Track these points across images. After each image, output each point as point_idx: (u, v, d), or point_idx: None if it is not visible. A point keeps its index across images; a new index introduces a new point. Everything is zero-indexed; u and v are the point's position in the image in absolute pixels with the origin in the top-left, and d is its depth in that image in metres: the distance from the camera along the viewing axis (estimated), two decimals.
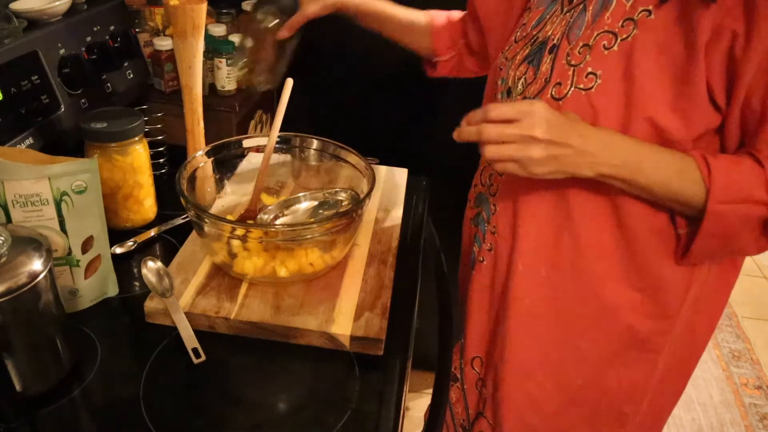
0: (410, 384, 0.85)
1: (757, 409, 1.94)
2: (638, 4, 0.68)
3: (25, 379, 0.68)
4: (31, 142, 0.92)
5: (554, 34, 0.76)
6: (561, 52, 0.73)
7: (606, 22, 0.70)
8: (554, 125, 0.67)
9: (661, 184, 0.70)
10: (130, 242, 0.95)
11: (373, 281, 0.87)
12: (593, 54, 0.70)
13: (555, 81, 0.73)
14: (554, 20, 0.77)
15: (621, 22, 0.69)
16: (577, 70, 0.71)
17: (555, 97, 0.72)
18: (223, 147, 0.96)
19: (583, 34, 0.72)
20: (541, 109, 0.67)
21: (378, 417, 0.71)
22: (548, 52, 0.76)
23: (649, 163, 0.69)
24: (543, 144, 0.66)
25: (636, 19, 0.68)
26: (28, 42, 0.94)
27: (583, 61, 0.71)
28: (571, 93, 0.71)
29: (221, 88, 1.39)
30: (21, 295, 0.63)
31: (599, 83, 0.69)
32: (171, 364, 0.75)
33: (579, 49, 0.72)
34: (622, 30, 0.68)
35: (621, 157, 0.69)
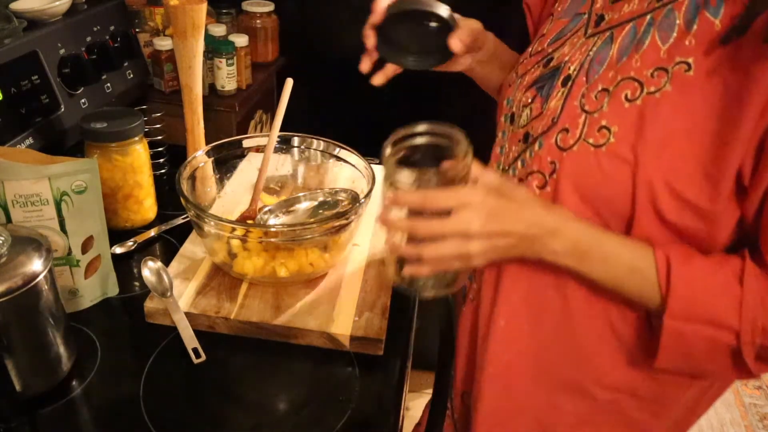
0: (410, 384, 0.85)
1: (757, 409, 1.94)
2: (676, 53, 0.55)
3: (25, 379, 0.68)
4: (31, 142, 0.92)
5: (571, 61, 0.63)
6: (576, 89, 0.61)
7: (634, 65, 0.57)
8: (495, 215, 0.58)
9: (608, 281, 0.60)
10: (130, 242, 0.95)
11: (373, 281, 0.87)
12: (611, 103, 0.57)
13: (562, 125, 0.61)
14: (575, 42, 0.65)
15: (652, 70, 0.56)
16: (590, 118, 0.58)
17: (560, 145, 0.60)
18: (223, 147, 0.96)
19: (604, 74, 0.59)
20: (480, 199, 0.57)
21: (378, 417, 0.71)
22: (561, 83, 0.63)
23: (597, 254, 0.59)
24: (481, 239, 0.58)
25: (671, 72, 0.54)
26: (28, 42, 0.94)
27: (598, 109, 0.58)
28: (578, 146, 0.59)
29: (221, 88, 1.39)
30: (21, 295, 0.63)
31: (612, 142, 0.56)
32: (171, 364, 0.75)
33: (596, 93, 0.59)
34: (651, 81, 0.55)
35: (565, 245, 0.59)
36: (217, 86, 1.40)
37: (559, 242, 0.59)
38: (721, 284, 0.56)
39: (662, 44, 0.56)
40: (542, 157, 0.62)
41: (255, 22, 1.50)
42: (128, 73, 1.18)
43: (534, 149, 0.64)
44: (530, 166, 0.64)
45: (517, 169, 0.67)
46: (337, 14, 1.62)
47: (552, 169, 0.61)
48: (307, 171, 1.02)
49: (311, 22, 1.64)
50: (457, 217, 0.57)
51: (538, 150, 0.63)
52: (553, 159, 0.61)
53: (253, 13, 1.50)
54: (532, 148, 0.64)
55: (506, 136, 0.71)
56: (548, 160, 0.61)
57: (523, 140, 0.66)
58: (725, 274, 0.56)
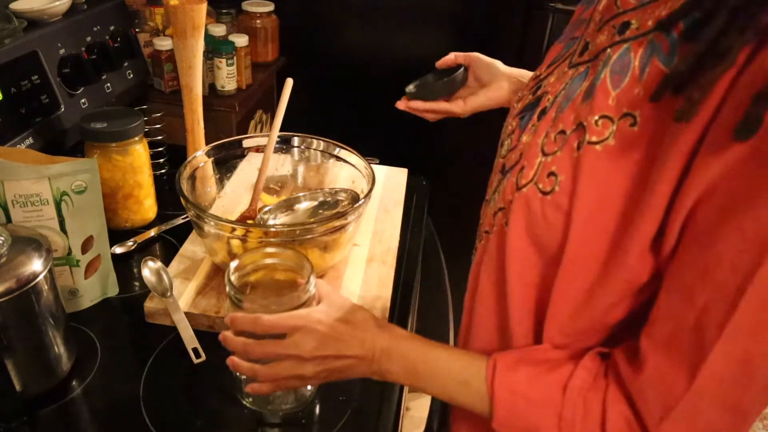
0: None
1: None
2: (624, 103, 0.48)
3: (25, 379, 0.68)
4: (31, 142, 0.92)
5: (551, 93, 0.59)
6: (543, 125, 0.56)
7: (594, 105, 0.50)
8: (330, 339, 0.61)
9: (442, 395, 0.61)
10: (130, 242, 0.95)
11: (373, 281, 0.87)
12: (564, 149, 0.52)
13: (523, 163, 0.57)
14: (560, 71, 0.60)
15: (597, 117, 0.49)
16: (545, 162, 0.54)
17: (517, 184, 0.57)
18: (223, 147, 0.96)
19: (567, 114, 0.53)
20: (314, 324, 0.60)
21: (378, 417, 0.71)
22: (537, 116, 0.59)
23: (426, 370, 0.61)
24: (315, 361, 0.60)
25: (616, 123, 0.48)
26: (28, 42, 0.94)
27: (553, 152, 0.53)
28: (527, 189, 0.55)
29: (221, 88, 1.39)
30: (21, 295, 0.63)
31: (556, 191, 0.52)
32: (171, 364, 0.75)
33: (556, 135, 0.54)
34: (594, 129, 0.49)
35: (398, 364, 0.62)
36: (217, 86, 1.40)
37: (393, 362, 0.62)
38: (542, 395, 0.55)
39: (613, 89, 0.49)
40: (505, 192, 0.59)
41: (255, 22, 1.50)
42: (128, 73, 1.18)
43: (503, 184, 0.61)
44: (499, 201, 0.61)
45: (495, 201, 0.64)
46: (337, 14, 1.63)
47: (510, 207, 0.58)
48: (307, 171, 1.02)
49: (311, 22, 1.65)
50: (289, 340, 0.60)
51: (505, 184, 0.60)
52: (511, 197, 0.58)
53: (253, 13, 1.50)
54: (504, 182, 0.61)
55: (495, 164, 0.69)
56: (509, 199, 0.58)
57: (501, 171, 0.64)
58: (548, 383, 0.56)
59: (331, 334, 0.61)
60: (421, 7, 1.57)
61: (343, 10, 1.61)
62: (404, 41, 1.63)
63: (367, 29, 1.63)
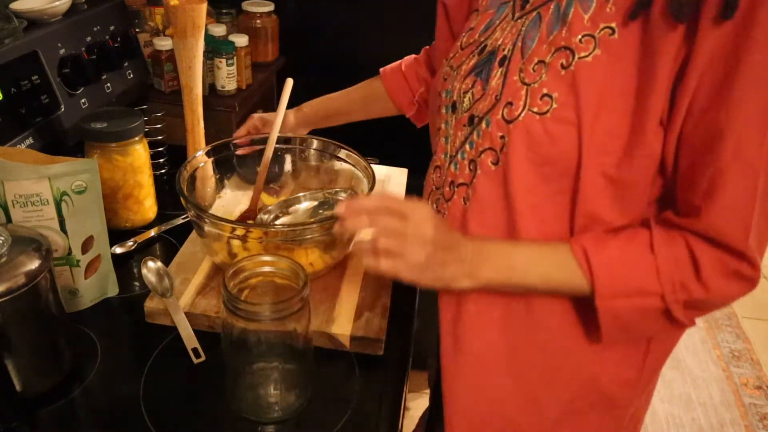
0: (410, 384, 0.85)
1: (757, 409, 1.94)
2: (599, 20, 0.59)
3: (25, 379, 0.68)
4: (31, 142, 0.92)
5: (504, 44, 0.67)
6: (513, 66, 0.64)
7: (563, 36, 0.61)
8: (441, 228, 0.63)
9: (540, 281, 0.65)
10: (130, 242, 0.95)
11: (373, 281, 0.87)
12: (549, 73, 0.61)
13: (506, 100, 0.64)
14: (504, 27, 0.68)
15: (579, 36, 0.60)
16: (531, 89, 0.62)
17: (506, 119, 0.63)
18: (223, 147, 0.96)
19: (537, 48, 0.63)
20: (429, 209, 0.63)
21: (378, 417, 0.71)
22: (498, 63, 0.66)
23: (521, 259, 0.64)
24: (429, 245, 0.61)
25: (597, 37, 0.59)
26: (28, 42, 0.94)
27: (538, 80, 0.61)
28: (523, 116, 0.62)
29: (221, 88, 1.39)
30: (21, 295, 0.63)
31: (555, 107, 0.60)
32: (171, 364, 0.75)
33: (534, 66, 0.62)
34: (581, 47, 0.59)
35: (491, 262, 0.64)
36: (217, 86, 1.40)
37: (487, 261, 0.64)
38: (636, 258, 0.61)
39: (584, 13, 0.60)
40: (492, 133, 0.65)
41: (255, 22, 1.50)
42: (128, 73, 1.18)
43: (481, 129, 0.66)
44: (480, 145, 0.67)
45: (465, 152, 0.69)
46: (337, 14, 1.63)
47: (502, 144, 0.64)
48: (307, 171, 1.02)
49: (311, 22, 1.65)
50: (410, 218, 0.62)
51: (486, 128, 0.66)
52: (502, 133, 0.64)
53: (253, 13, 1.50)
54: (479, 128, 0.67)
55: (450, 125, 0.73)
56: (498, 135, 0.64)
57: (468, 123, 0.69)
58: (637, 248, 0.62)
59: (444, 226, 0.64)
60: (421, 8, 1.57)
61: (343, 10, 1.61)
62: (404, 41, 1.63)
63: (367, 29, 1.63)
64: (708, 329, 2.26)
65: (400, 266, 0.62)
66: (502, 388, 0.74)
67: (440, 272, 0.63)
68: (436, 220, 0.63)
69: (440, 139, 0.76)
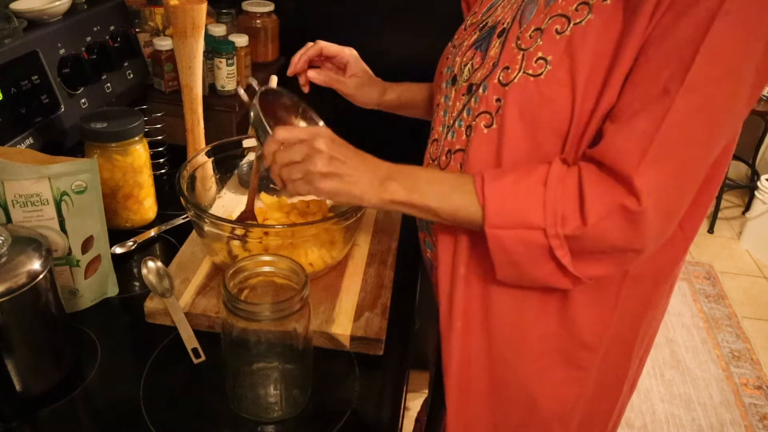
0: (410, 384, 0.85)
1: (757, 409, 1.94)
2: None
3: (25, 379, 0.68)
4: (31, 142, 0.92)
5: (504, 19, 0.71)
6: (511, 35, 0.68)
7: (560, 5, 0.64)
8: (337, 143, 0.67)
9: (437, 202, 0.67)
10: (130, 242, 0.95)
11: (373, 281, 0.87)
12: (545, 38, 0.64)
13: (503, 65, 0.67)
14: (505, 5, 0.73)
15: (575, 5, 0.63)
16: (527, 54, 0.65)
17: (502, 82, 0.67)
18: (223, 147, 0.96)
19: (535, 17, 0.66)
20: (326, 130, 0.68)
21: (378, 417, 0.71)
22: (497, 36, 0.70)
23: (425, 178, 0.68)
24: (325, 157, 0.66)
25: (591, 4, 0.62)
26: (28, 42, 0.94)
27: (533, 45, 0.65)
28: (518, 78, 0.65)
29: (221, 88, 1.39)
30: (21, 295, 0.63)
31: (549, 69, 0.63)
32: (171, 364, 0.75)
33: (530, 33, 0.66)
34: (576, 14, 0.63)
35: (399, 181, 0.67)
36: (217, 86, 1.39)
37: (396, 179, 0.67)
38: (527, 191, 0.63)
39: None
40: (488, 97, 0.68)
41: (255, 22, 1.50)
42: (128, 73, 1.18)
43: (479, 94, 0.69)
44: (476, 110, 0.69)
45: (462, 120, 0.72)
46: (337, 14, 1.63)
47: (498, 107, 0.67)
48: None
49: (311, 22, 1.64)
50: (307, 141, 0.67)
51: (482, 93, 0.69)
52: (498, 96, 0.67)
53: (253, 13, 1.50)
54: (477, 94, 0.70)
55: (449, 98, 0.76)
56: (494, 99, 0.67)
57: (467, 92, 0.72)
58: (530, 181, 0.64)
59: (342, 142, 0.68)
60: (421, 7, 1.57)
61: (343, 10, 1.61)
62: (404, 41, 1.63)
63: (366, 29, 1.63)
64: (708, 329, 2.27)
65: (303, 182, 0.67)
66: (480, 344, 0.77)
67: (341, 185, 0.67)
68: (334, 137, 0.68)
69: (438, 113, 0.79)
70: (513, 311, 0.74)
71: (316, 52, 0.94)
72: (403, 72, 1.04)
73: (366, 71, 0.97)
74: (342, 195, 0.67)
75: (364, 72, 0.96)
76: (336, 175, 0.66)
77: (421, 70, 1.19)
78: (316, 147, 0.66)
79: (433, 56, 0.97)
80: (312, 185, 0.67)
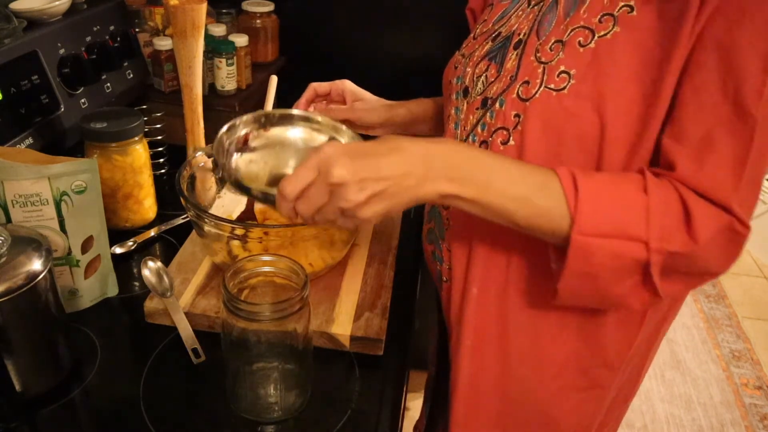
0: (410, 384, 0.85)
1: (758, 409, 1.94)
2: None
3: (25, 379, 0.68)
4: (31, 142, 0.92)
5: (520, 29, 0.67)
6: (529, 47, 0.64)
7: (582, 17, 0.60)
8: (357, 155, 0.55)
9: (519, 201, 0.57)
10: (130, 242, 0.95)
11: (373, 281, 0.87)
12: (567, 51, 0.60)
13: (522, 79, 0.63)
14: (520, 14, 0.69)
15: (599, 17, 0.59)
16: (548, 68, 0.61)
17: (522, 97, 0.62)
18: None
19: (555, 29, 0.62)
20: (330, 150, 0.55)
21: (378, 417, 0.71)
22: (513, 47, 0.66)
23: (500, 174, 0.58)
24: (352, 186, 0.54)
25: (616, 15, 0.58)
26: (28, 42, 0.94)
27: (555, 58, 0.61)
28: (540, 93, 0.61)
29: (221, 87, 1.39)
30: (21, 295, 0.63)
31: (572, 83, 0.59)
32: (171, 364, 0.75)
33: (551, 45, 0.62)
34: (600, 26, 0.59)
35: (460, 170, 0.57)
36: (217, 86, 1.39)
37: (454, 168, 0.57)
38: (627, 195, 0.57)
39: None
40: (506, 113, 0.63)
41: (255, 22, 1.50)
42: (128, 73, 1.18)
43: (495, 109, 0.65)
44: (492, 125, 0.65)
45: (477, 135, 0.68)
46: (337, 14, 1.63)
47: (516, 122, 0.63)
48: None
49: (311, 22, 1.64)
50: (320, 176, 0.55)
51: (499, 108, 0.64)
52: (517, 112, 0.62)
53: (253, 13, 1.50)
54: (493, 109, 0.65)
55: (461, 110, 0.72)
56: (512, 114, 0.63)
57: (481, 106, 0.68)
58: (629, 186, 0.57)
59: (359, 152, 0.55)
60: (421, 8, 1.57)
61: (343, 10, 1.61)
62: (404, 41, 1.63)
63: (367, 29, 1.63)
64: (708, 329, 2.26)
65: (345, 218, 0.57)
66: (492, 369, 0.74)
67: (388, 202, 0.56)
68: (347, 152, 0.55)
69: (450, 125, 0.75)
70: (530, 330, 0.71)
71: (311, 95, 0.93)
72: (403, 72, 1.04)
73: (366, 93, 0.94)
74: (397, 209, 0.57)
75: (364, 94, 0.93)
76: (376, 196, 0.55)
77: (422, 70, 1.19)
78: (335, 179, 0.54)
79: (433, 57, 0.97)
80: (356, 219, 0.57)
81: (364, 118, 0.91)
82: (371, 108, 0.91)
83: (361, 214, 0.56)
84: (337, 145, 0.56)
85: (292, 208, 0.58)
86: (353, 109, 0.91)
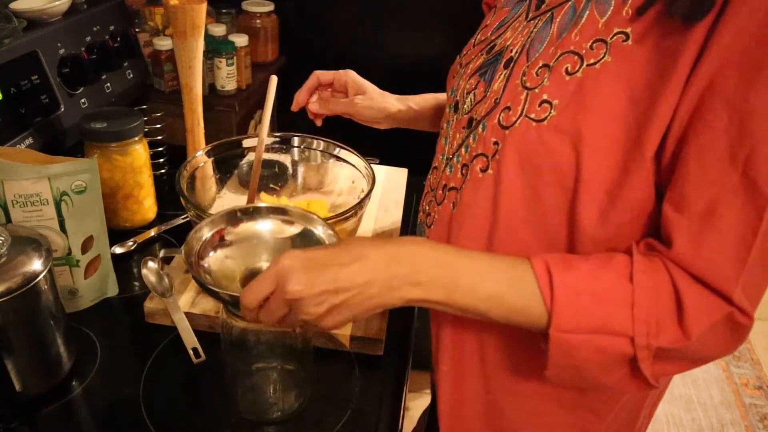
0: (410, 384, 0.85)
1: (758, 410, 1.94)
2: (613, 24, 0.53)
3: (25, 379, 0.68)
4: (31, 142, 0.92)
5: (513, 45, 0.62)
6: (517, 69, 0.60)
7: (573, 39, 0.55)
8: (313, 266, 0.53)
9: (490, 300, 0.54)
10: (130, 242, 0.95)
11: None
12: (552, 78, 0.56)
13: (505, 104, 0.59)
14: (516, 27, 0.64)
15: (591, 42, 0.54)
16: (531, 95, 0.57)
17: (502, 124, 0.58)
18: (223, 147, 0.96)
19: (545, 51, 0.58)
20: (288, 262, 0.53)
21: (378, 417, 0.71)
22: (504, 65, 0.62)
23: (469, 274, 0.55)
24: (308, 300, 0.52)
25: (609, 43, 0.53)
26: (28, 42, 0.94)
27: (539, 84, 0.56)
28: (519, 122, 0.57)
29: (221, 88, 1.39)
30: (21, 295, 0.63)
31: (553, 115, 0.55)
32: (171, 364, 0.75)
33: (537, 70, 0.57)
34: (591, 53, 0.54)
35: (425, 274, 0.54)
36: (217, 86, 1.40)
37: (419, 272, 0.54)
38: (609, 286, 0.52)
39: (600, 17, 0.54)
40: (486, 138, 0.60)
41: (255, 22, 1.50)
42: (128, 73, 1.18)
43: (478, 132, 0.62)
44: (474, 149, 0.62)
45: (461, 156, 0.66)
46: (337, 14, 1.63)
47: (495, 150, 0.59)
48: (307, 171, 1.02)
49: (311, 22, 1.65)
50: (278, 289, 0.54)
51: (482, 132, 0.61)
52: (496, 139, 0.59)
53: (253, 13, 1.50)
54: (476, 132, 0.62)
55: (450, 125, 0.70)
56: (492, 141, 0.60)
57: (467, 126, 0.65)
58: (611, 275, 0.53)
59: (318, 263, 0.53)
60: (420, 8, 1.57)
61: (343, 10, 1.62)
62: (404, 41, 1.63)
63: (367, 29, 1.63)
64: None
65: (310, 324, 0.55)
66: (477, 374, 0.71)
67: (351, 311, 0.54)
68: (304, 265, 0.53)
69: (441, 139, 0.74)
70: (509, 359, 0.67)
71: (314, 83, 0.93)
72: (403, 72, 1.04)
73: (370, 85, 0.93)
74: (363, 316, 0.55)
75: (368, 86, 0.93)
76: (336, 308, 0.54)
77: (422, 70, 1.19)
78: (291, 295, 0.52)
79: (433, 57, 0.97)
80: (320, 326, 0.55)
81: (363, 113, 0.92)
82: (371, 105, 0.92)
83: (323, 324, 0.55)
84: (295, 257, 0.54)
85: (254, 317, 0.56)
86: (353, 104, 0.92)
